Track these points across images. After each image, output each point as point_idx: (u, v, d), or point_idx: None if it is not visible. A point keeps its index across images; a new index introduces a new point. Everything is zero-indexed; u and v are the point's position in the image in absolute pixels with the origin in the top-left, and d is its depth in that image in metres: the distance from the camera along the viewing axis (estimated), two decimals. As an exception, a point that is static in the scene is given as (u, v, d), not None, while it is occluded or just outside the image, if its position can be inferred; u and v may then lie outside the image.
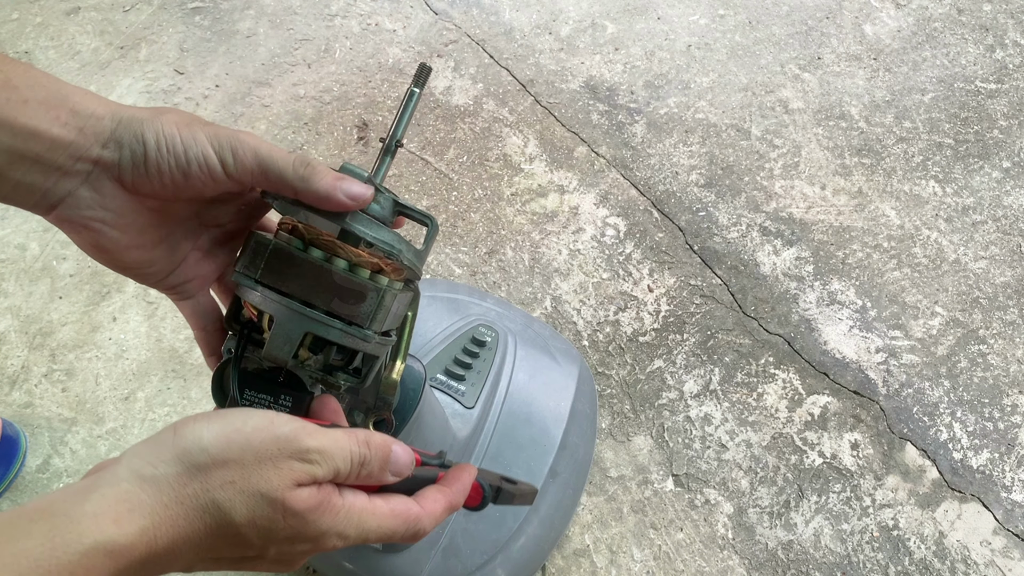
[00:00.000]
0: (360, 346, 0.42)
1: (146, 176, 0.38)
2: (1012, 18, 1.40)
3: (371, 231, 0.42)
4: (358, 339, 0.41)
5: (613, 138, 1.26)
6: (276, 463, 0.34)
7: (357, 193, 0.40)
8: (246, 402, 0.42)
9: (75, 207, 0.38)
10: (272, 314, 0.40)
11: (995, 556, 0.90)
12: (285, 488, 0.34)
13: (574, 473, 0.87)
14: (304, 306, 0.40)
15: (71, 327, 1.07)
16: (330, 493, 0.36)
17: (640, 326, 1.07)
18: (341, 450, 0.36)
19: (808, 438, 0.98)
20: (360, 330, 0.41)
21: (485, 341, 0.83)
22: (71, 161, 0.37)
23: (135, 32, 1.41)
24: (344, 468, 0.37)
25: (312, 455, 0.35)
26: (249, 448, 0.34)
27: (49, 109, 0.35)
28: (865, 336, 1.06)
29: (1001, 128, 1.27)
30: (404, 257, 0.43)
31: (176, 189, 0.39)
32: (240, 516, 0.34)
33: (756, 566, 0.90)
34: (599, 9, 1.43)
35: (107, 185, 0.38)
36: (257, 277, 0.40)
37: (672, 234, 1.15)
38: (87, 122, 0.36)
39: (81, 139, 0.36)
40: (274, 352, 0.41)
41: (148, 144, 0.37)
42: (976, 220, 1.17)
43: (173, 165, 0.38)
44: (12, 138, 0.35)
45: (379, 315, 0.41)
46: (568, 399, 0.87)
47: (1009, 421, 0.99)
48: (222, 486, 0.34)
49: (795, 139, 1.26)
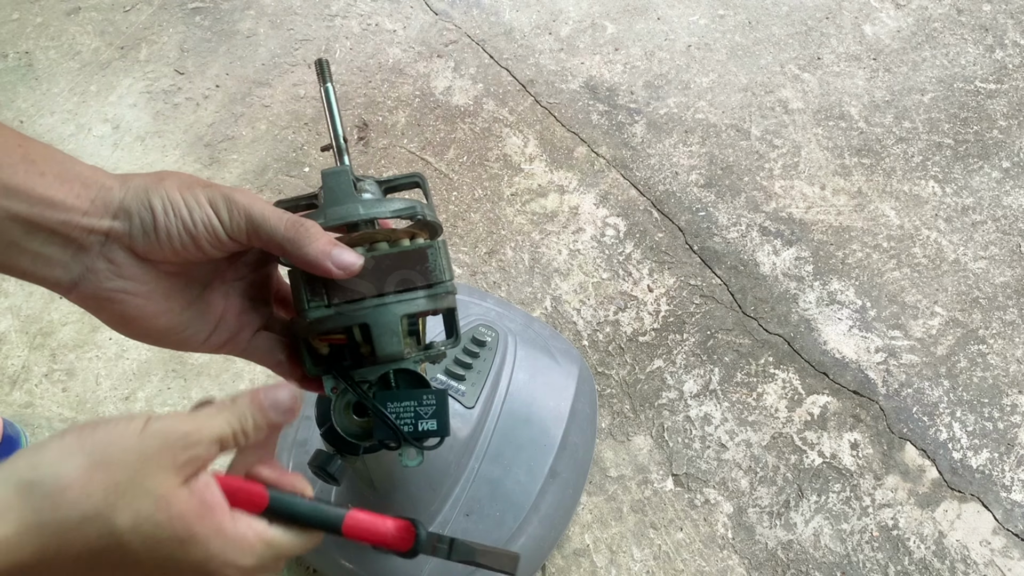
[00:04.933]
0: (448, 301, 0.44)
1: (156, 242, 0.39)
2: (1012, 18, 1.41)
3: (383, 208, 0.44)
4: (443, 294, 0.43)
5: (613, 138, 1.26)
6: (159, 458, 0.34)
7: (347, 263, 0.40)
8: (403, 424, 0.44)
9: (95, 281, 0.39)
10: (364, 322, 0.42)
11: (995, 556, 0.90)
12: (171, 486, 0.34)
13: (574, 473, 0.87)
14: (383, 297, 0.42)
15: (71, 327, 1.07)
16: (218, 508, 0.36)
17: (640, 326, 1.07)
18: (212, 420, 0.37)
19: (808, 438, 0.98)
20: (441, 285, 0.43)
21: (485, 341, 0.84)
22: (84, 234, 0.38)
23: (135, 32, 1.41)
24: (227, 432, 0.37)
25: (190, 437, 0.35)
26: (132, 450, 0.33)
27: (64, 182, 0.37)
28: (865, 336, 1.06)
29: (1001, 128, 1.27)
30: (424, 213, 0.45)
31: (187, 252, 0.39)
32: (124, 521, 0.32)
33: (756, 566, 0.90)
34: (599, 9, 1.43)
35: (121, 255, 0.39)
36: (328, 303, 0.42)
37: (672, 234, 1.15)
38: (98, 193, 0.38)
39: (93, 209, 0.37)
40: (388, 350, 0.42)
41: (156, 210, 0.38)
42: (976, 220, 1.17)
43: (181, 228, 0.38)
44: (30, 207, 0.36)
45: (442, 264, 0.43)
46: (568, 399, 0.87)
47: (1009, 421, 0.99)
48: (105, 489, 0.32)
49: (795, 139, 1.26)
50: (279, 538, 0.38)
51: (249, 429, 0.38)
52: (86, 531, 0.32)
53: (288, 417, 0.39)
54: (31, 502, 0.31)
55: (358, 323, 0.42)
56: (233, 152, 1.25)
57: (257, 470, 0.39)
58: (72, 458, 0.32)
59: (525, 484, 0.80)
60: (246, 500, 0.38)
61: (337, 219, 0.43)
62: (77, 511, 0.32)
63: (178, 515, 0.34)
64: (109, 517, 0.32)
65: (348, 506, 0.40)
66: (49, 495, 0.31)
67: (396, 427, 0.43)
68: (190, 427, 0.35)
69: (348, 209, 0.43)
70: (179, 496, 0.34)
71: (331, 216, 0.43)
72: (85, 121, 1.29)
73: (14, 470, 0.32)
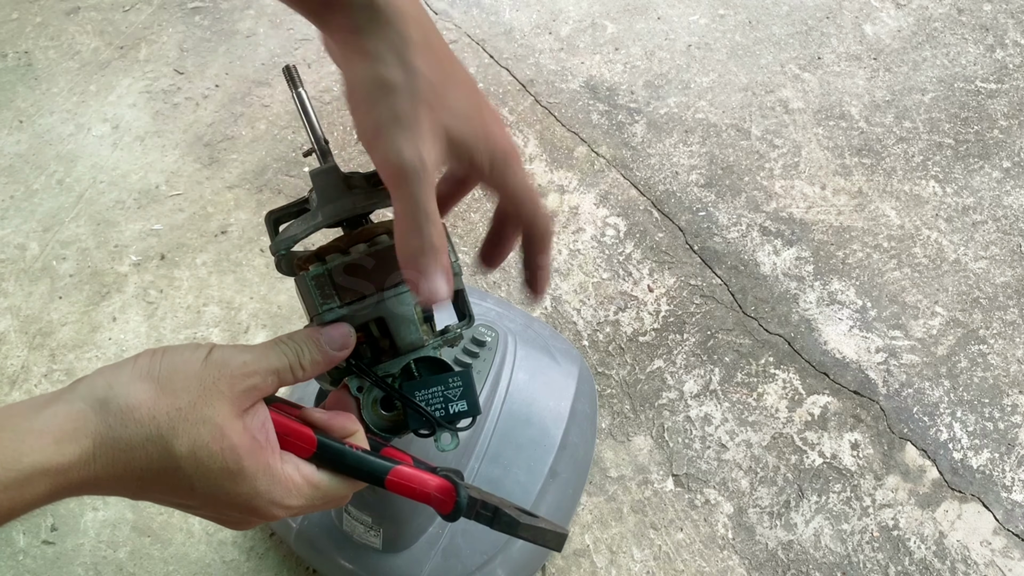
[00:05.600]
0: (456, 283, 0.44)
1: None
2: (1012, 18, 1.40)
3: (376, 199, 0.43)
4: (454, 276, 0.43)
5: (613, 138, 1.26)
6: (219, 386, 0.35)
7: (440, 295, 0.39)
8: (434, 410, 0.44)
9: None
10: (380, 315, 0.42)
11: (995, 556, 0.90)
12: (228, 416, 0.35)
13: (574, 473, 0.87)
14: (395, 288, 0.42)
15: (71, 327, 1.07)
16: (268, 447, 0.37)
17: (640, 326, 1.07)
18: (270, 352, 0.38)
19: (808, 438, 0.98)
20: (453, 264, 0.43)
21: (485, 341, 0.83)
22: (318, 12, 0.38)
23: (135, 32, 1.41)
24: (284, 364, 0.38)
25: (249, 366, 0.36)
26: (194, 377, 0.35)
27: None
28: (865, 336, 1.06)
29: (1001, 128, 1.27)
30: None
31: None
32: (182, 447, 0.34)
33: (756, 566, 0.90)
34: (599, 9, 1.42)
35: None
36: (340, 303, 0.42)
37: (672, 234, 1.15)
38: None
39: None
40: (408, 339, 0.43)
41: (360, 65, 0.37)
42: (976, 220, 1.17)
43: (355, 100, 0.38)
44: None
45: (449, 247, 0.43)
46: (568, 399, 0.87)
47: (1009, 421, 0.99)
48: (168, 414, 0.34)
49: (795, 139, 1.25)
50: (324, 483, 0.39)
51: (306, 362, 0.39)
52: (149, 451, 0.34)
53: (342, 353, 0.41)
54: (106, 419, 0.33)
55: (374, 318, 0.42)
56: (233, 152, 1.25)
57: (308, 412, 0.41)
58: (141, 381, 0.35)
59: (525, 484, 0.80)
60: (295, 443, 0.39)
61: (333, 216, 0.43)
62: (143, 431, 0.34)
63: (230, 447, 0.35)
64: (170, 441, 0.34)
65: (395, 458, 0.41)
66: (121, 413, 0.34)
67: (429, 414, 0.44)
68: (248, 357, 0.37)
69: (342, 205, 0.43)
70: (234, 428, 0.36)
71: (327, 214, 0.43)
72: (84, 121, 1.29)
73: (92, 388, 0.34)
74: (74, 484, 0.33)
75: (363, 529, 0.75)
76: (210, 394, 0.35)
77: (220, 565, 0.90)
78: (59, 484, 0.32)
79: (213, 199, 1.19)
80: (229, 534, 0.91)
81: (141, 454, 0.34)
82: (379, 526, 0.74)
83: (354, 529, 0.76)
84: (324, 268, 0.42)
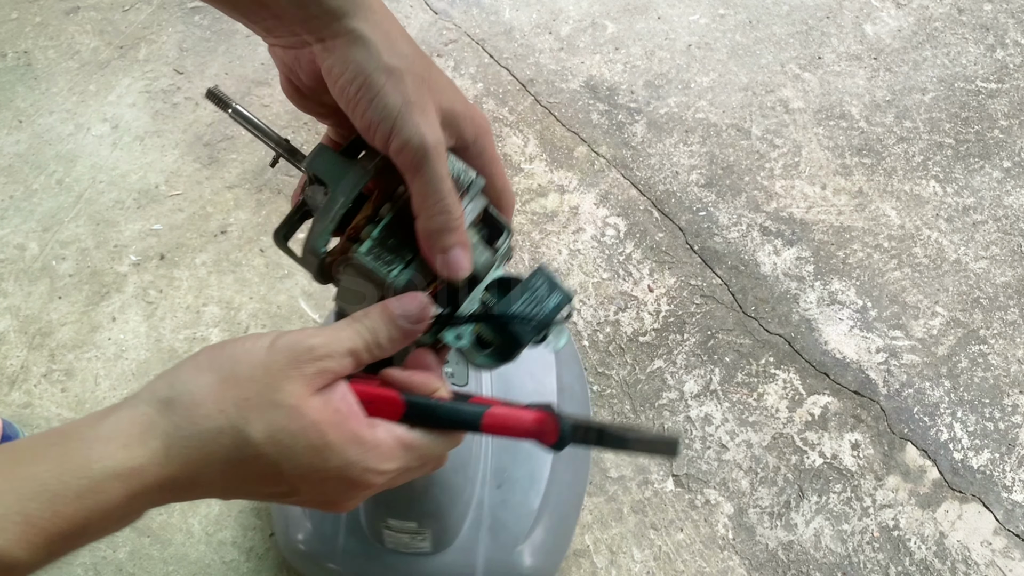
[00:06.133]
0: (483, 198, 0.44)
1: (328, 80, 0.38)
2: (1013, 17, 1.40)
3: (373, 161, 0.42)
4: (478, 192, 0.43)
5: (613, 138, 1.26)
6: (287, 371, 0.35)
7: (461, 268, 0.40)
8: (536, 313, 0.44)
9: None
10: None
11: (995, 556, 0.90)
12: (301, 396, 0.35)
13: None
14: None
15: (70, 327, 1.07)
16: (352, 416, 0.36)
17: (640, 326, 1.07)
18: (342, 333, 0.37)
19: (808, 438, 0.98)
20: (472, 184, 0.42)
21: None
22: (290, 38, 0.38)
23: (134, 32, 1.41)
24: (359, 345, 0.37)
25: (318, 350, 0.35)
26: (259, 366, 0.35)
27: None
28: (865, 336, 1.06)
29: (1002, 128, 1.27)
30: None
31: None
32: (258, 433, 0.33)
33: (756, 566, 0.90)
34: (599, 8, 1.42)
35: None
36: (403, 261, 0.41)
37: (672, 234, 1.15)
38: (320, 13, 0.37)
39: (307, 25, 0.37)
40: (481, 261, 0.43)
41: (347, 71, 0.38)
42: (977, 220, 1.17)
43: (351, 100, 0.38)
44: None
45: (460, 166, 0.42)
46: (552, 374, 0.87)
47: (1010, 421, 0.99)
48: (236, 404, 0.34)
49: (795, 139, 1.25)
50: (418, 441, 0.39)
51: (383, 340, 0.38)
52: (223, 443, 0.33)
53: (420, 326, 0.39)
54: (172, 418, 0.33)
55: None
56: (232, 152, 1.25)
57: (387, 373, 0.40)
58: (203, 375, 0.34)
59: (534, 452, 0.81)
60: (383, 407, 0.38)
61: (354, 187, 0.41)
62: (213, 424, 0.33)
63: (311, 424, 0.34)
64: (243, 429, 0.33)
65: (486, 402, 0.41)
66: (186, 410, 0.33)
67: (537, 319, 0.43)
68: (317, 340, 0.36)
69: (356, 174, 0.41)
70: (311, 405, 0.35)
71: (346, 189, 0.41)
72: (84, 121, 1.29)
73: (154, 390, 0.34)
74: (152, 488, 0.32)
75: (408, 538, 0.75)
76: (278, 380, 0.34)
77: (220, 565, 0.90)
78: (135, 488, 0.32)
79: (213, 199, 1.19)
80: (229, 534, 0.91)
81: (216, 447, 0.33)
82: (425, 528, 0.74)
83: (399, 542, 0.76)
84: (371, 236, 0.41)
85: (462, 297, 0.43)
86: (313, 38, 0.37)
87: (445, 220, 0.38)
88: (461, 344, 0.43)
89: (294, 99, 0.42)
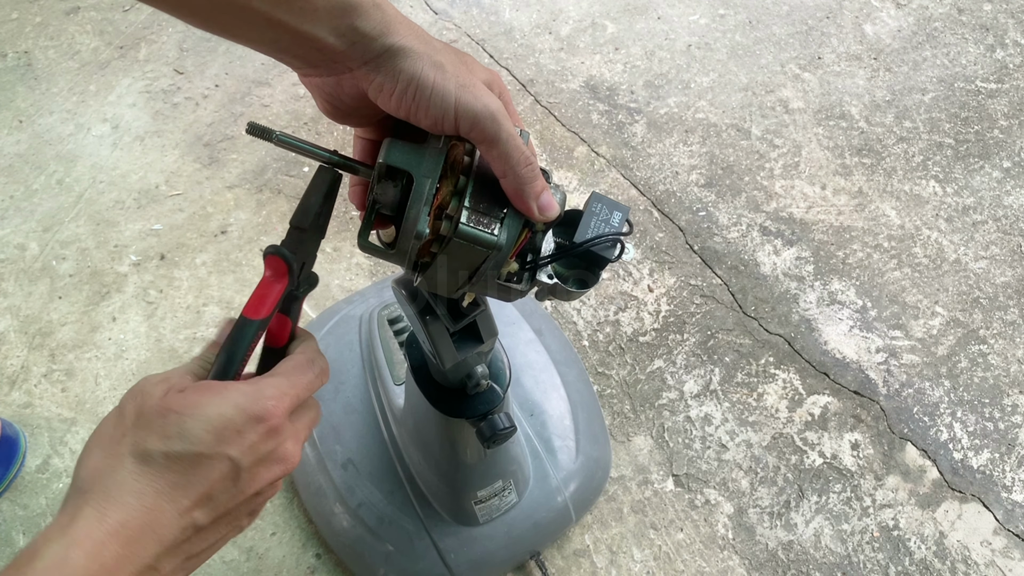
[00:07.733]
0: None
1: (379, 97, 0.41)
2: (1012, 18, 1.40)
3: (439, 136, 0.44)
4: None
5: (613, 138, 1.26)
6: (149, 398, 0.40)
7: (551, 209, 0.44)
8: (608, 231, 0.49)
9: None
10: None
11: (995, 556, 0.90)
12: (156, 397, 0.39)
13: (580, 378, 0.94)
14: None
15: (70, 327, 1.07)
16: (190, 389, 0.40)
17: (640, 326, 1.07)
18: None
19: (808, 438, 0.98)
20: None
21: None
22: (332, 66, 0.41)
23: (135, 32, 1.41)
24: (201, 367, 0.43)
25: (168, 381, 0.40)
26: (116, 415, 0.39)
27: (333, 18, 0.39)
28: (865, 336, 1.06)
29: (1001, 128, 1.27)
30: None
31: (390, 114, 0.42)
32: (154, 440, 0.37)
33: (756, 566, 0.90)
34: (599, 9, 1.42)
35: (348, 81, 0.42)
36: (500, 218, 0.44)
37: (672, 234, 1.15)
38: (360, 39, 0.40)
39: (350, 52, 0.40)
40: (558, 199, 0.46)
41: (400, 82, 0.40)
42: (976, 220, 1.17)
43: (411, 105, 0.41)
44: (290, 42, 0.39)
45: None
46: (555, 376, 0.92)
47: (1009, 421, 0.99)
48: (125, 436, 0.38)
49: (795, 139, 1.25)
50: (255, 377, 0.42)
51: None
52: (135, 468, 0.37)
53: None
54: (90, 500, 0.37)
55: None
56: (232, 152, 1.25)
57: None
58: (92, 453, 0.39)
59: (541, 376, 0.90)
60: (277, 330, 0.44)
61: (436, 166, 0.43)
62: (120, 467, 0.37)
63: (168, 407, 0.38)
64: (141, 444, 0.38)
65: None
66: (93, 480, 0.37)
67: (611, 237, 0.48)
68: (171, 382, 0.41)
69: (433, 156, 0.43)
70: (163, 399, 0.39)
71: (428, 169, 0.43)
72: (84, 121, 1.29)
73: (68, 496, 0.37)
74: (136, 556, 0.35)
75: (498, 500, 0.79)
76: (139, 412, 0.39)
77: (220, 565, 0.90)
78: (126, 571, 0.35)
79: (213, 199, 1.19)
80: (229, 534, 0.91)
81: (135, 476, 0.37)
82: (510, 480, 0.78)
83: (491, 509, 0.79)
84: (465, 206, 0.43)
85: (540, 240, 0.47)
86: (357, 63, 0.40)
87: (530, 170, 0.42)
88: (553, 282, 0.48)
89: (335, 117, 0.45)
